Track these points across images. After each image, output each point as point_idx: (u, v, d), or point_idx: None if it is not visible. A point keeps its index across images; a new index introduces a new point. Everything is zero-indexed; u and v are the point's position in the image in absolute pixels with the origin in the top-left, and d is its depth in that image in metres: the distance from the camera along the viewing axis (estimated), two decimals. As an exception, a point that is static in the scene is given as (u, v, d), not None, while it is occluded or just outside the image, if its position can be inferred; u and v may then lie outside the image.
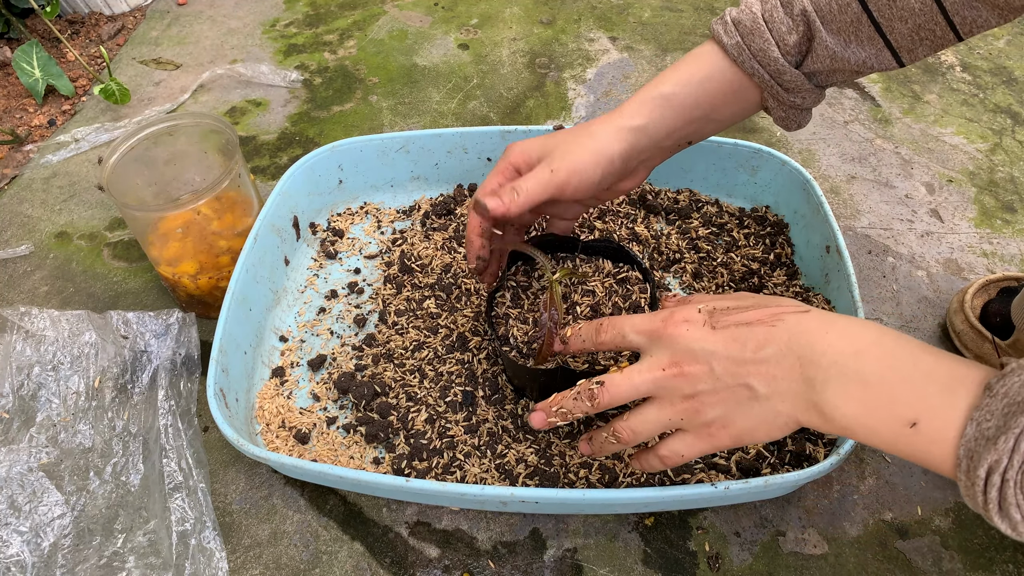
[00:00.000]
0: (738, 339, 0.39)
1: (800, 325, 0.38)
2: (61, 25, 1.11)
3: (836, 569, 0.53)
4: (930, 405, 0.33)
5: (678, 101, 0.49)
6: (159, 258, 0.66)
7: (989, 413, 0.30)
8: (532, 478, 0.54)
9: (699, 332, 0.40)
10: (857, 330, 0.37)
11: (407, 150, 0.75)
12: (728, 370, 0.39)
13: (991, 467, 0.29)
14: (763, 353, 0.38)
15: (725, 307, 0.41)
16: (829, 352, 0.36)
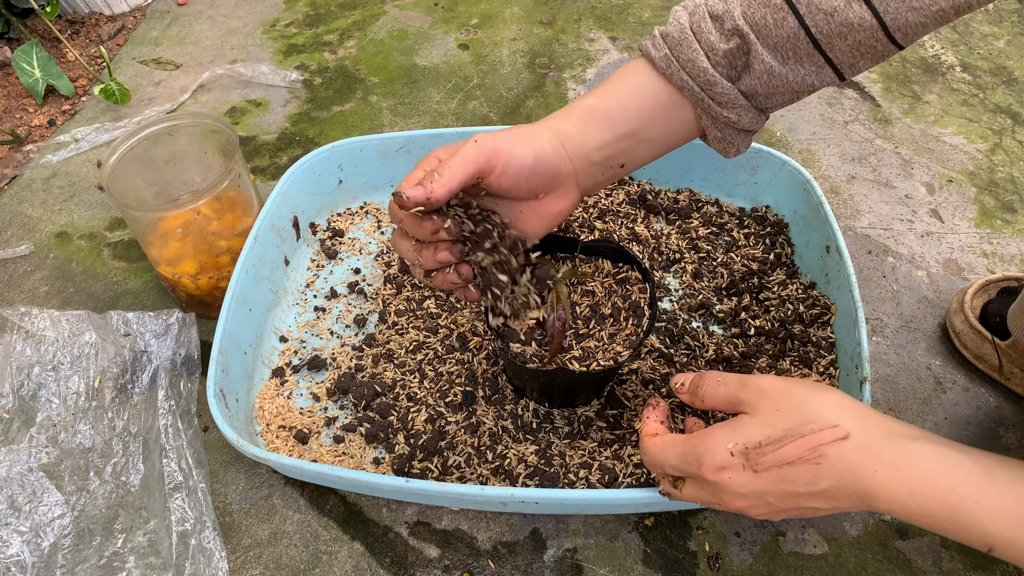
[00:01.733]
0: (786, 479, 0.38)
1: (845, 462, 0.37)
2: (61, 25, 1.11)
3: (836, 569, 0.53)
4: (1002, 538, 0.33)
5: (603, 113, 0.47)
6: (159, 258, 0.66)
7: None
8: (532, 478, 0.54)
9: (743, 478, 0.39)
10: (908, 462, 0.36)
11: (407, 150, 0.75)
12: (785, 501, 0.39)
13: None
14: (817, 488, 0.38)
15: (757, 444, 0.39)
16: (884, 493, 0.35)
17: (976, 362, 0.64)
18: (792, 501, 0.39)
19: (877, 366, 0.65)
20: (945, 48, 1.01)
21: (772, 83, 0.44)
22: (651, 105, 0.46)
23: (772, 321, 0.63)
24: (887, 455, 0.36)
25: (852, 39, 0.41)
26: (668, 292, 0.67)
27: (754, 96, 0.45)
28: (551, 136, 0.46)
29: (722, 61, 0.44)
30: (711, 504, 0.42)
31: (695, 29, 0.44)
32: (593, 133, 0.47)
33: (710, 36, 0.43)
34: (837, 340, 0.60)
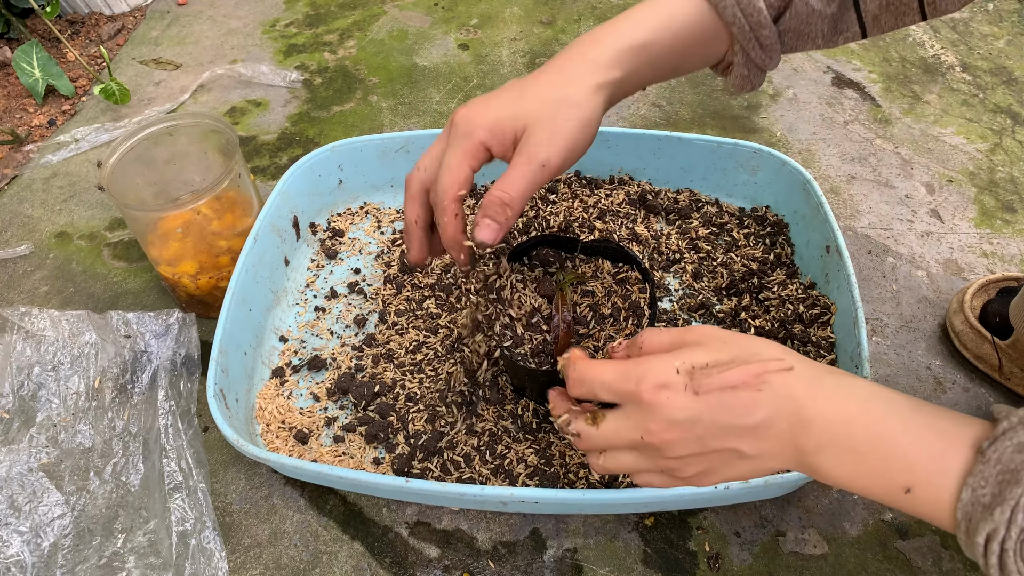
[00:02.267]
0: (724, 405, 0.36)
1: (787, 389, 0.36)
2: (61, 25, 1.11)
3: (836, 569, 0.53)
4: (923, 471, 0.33)
5: (655, 51, 0.44)
6: (159, 258, 0.66)
7: (983, 479, 0.31)
8: (532, 478, 0.54)
9: (681, 400, 0.37)
10: (844, 393, 0.36)
11: (407, 150, 0.75)
12: (714, 436, 0.37)
13: (989, 535, 0.30)
14: (751, 420, 0.36)
15: (704, 364, 0.37)
16: (818, 420, 0.35)
17: (976, 362, 0.64)
18: (721, 437, 0.37)
19: (877, 366, 0.65)
20: (945, 48, 1.01)
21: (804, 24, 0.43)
22: (696, 40, 0.45)
23: (772, 321, 0.63)
24: (827, 385, 0.36)
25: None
26: (668, 292, 0.67)
27: (785, 34, 0.45)
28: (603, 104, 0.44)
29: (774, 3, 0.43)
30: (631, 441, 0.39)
31: None
32: (641, 72, 0.45)
33: None
34: (837, 340, 0.60)
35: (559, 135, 0.42)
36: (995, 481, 0.30)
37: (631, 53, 0.43)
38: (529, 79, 0.44)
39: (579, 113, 0.43)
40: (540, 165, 0.42)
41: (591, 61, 0.43)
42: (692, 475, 0.39)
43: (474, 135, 0.43)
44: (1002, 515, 0.29)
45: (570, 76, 0.43)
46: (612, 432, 0.40)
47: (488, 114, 0.43)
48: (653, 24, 0.43)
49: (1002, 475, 0.30)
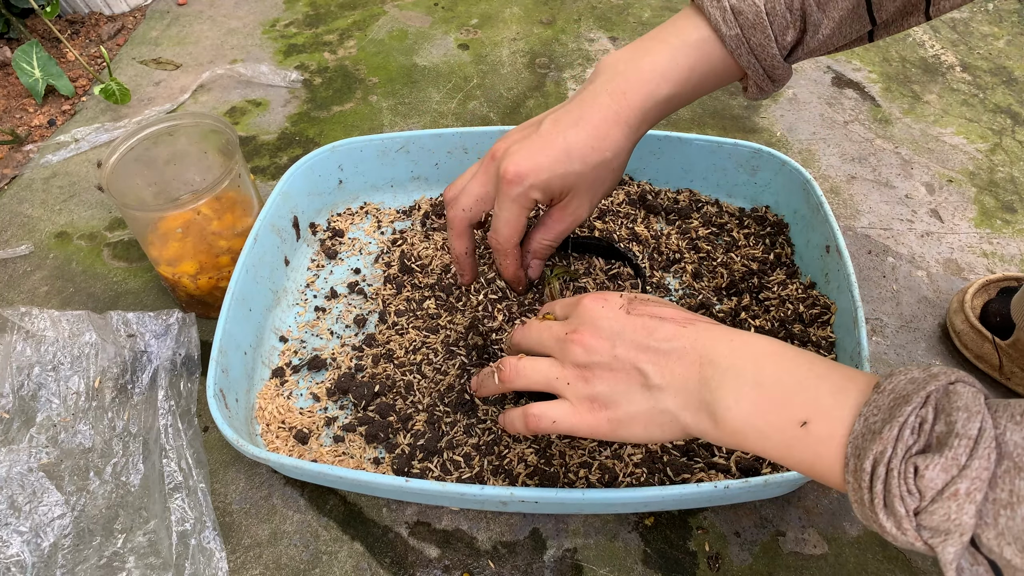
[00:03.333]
0: (647, 327, 0.39)
1: (708, 331, 0.39)
2: (61, 25, 1.11)
3: (836, 569, 0.53)
4: (821, 405, 0.33)
5: (678, 100, 0.48)
6: (159, 258, 0.66)
7: (876, 408, 0.31)
8: (532, 478, 0.54)
9: (612, 312, 0.41)
10: (761, 342, 0.37)
11: (407, 150, 0.75)
12: (628, 352, 0.39)
13: (876, 458, 0.29)
14: (667, 345, 0.38)
15: (645, 300, 0.42)
16: (729, 356, 0.37)
17: (976, 362, 0.64)
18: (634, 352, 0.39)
19: (877, 366, 0.65)
20: (945, 48, 1.01)
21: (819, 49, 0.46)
22: (714, 82, 0.48)
23: (772, 321, 0.63)
24: (746, 335, 0.38)
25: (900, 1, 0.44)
26: (668, 292, 0.67)
27: (794, 59, 0.48)
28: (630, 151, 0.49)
29: (787, 46, 0.46)
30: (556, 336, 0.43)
31: (769, 11, 0.44)
32: (660, 117, 0.49)
33: (782, 22, 0.45)
34: (837, 340, 0.60)
35: (597, 197, 0.50)
36: (887, 407, 0.30)
37: (657, 108, 0.48)
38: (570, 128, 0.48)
39: (615, 175, 0.50)
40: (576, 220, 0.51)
41: (624, 123, 0.48)
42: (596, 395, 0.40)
43: (529, 194, 0.49)
44: (890, 432, 0.29)
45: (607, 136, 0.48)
46: (545, 326, 0.44)
47: (540, 173, 0.48)
48: (676, 76, 0.47)
49: (894, 401, 0.30)
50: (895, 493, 0.28)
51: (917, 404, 0.29)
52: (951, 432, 0.28)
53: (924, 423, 0.29)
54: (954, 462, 0.27)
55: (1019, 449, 0.27)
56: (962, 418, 0.28)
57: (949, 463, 0.27)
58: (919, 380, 0.31)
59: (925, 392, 0.30)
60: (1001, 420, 0.28)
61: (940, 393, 0.30)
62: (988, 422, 0.28)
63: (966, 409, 0.28)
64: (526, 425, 0.43)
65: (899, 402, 0.30)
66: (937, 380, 0.30)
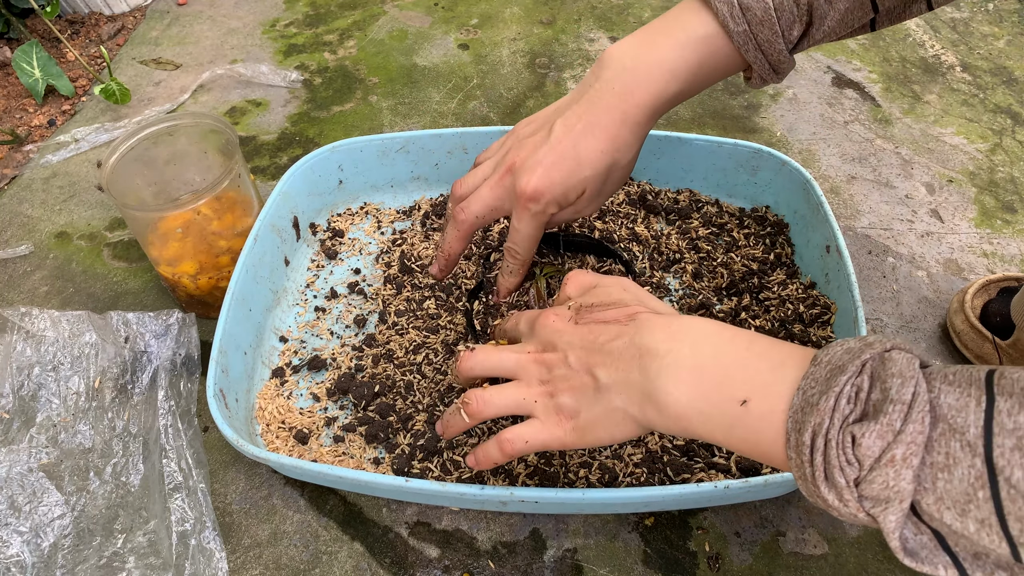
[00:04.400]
0: (593, 332, 0.41)
1: (647, 323, 0.39)
2: (61, 25, 1.11)
3: (836, 569, 0.53)
4: (761, 382, 0.33)
5: (683, 97, 0.49)
6: (159, 258, 0.66)
7: (814, 380, 0.31)
8: (532, 478, 0.54)
9: (562, 325, 0.43)
10: (699, 323, 0.38)
11: (407, 150, 0.75)
12: (580, 359, 0.40)
13: (815, 430, 0.29)
14: (611, 345, 0.39)
15: (591, 304, 0.43)
16: (667, 342, 0.37)
17: (976, 362, 0.64)
18: (585, 358, 0.40)
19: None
20: (945, 48, 1.01)
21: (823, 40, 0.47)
22: (719, 75, 0.48)
23: (772, 321, 0.63)
24: (686, 320, 0.39)
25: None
26: (668, 292, 0.67)
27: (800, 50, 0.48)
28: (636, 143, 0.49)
29: (792, 40, 0.46)
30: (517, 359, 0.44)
31: (777, 7, 0.44)
32: (667, 111, 0.50)
33: (789, 17, 0.45)
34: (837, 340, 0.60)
35: (606, 195, 0.51)
36: (824, 379, 0.30)
37: (665, 106, 0.48)
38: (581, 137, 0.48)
39: (624, 173, 0.50)
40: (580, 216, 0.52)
41: (632, 123, 0.48)
42: (561, 406, 0.41)
43: (547, 211, 0.49)
44: (826, 402, 0.29)
45: (616, 138, 0.48)
46: (503, 351, 0.45)
47: (555, 189, 0.48)
48: (686, 74, 0.47)
49: (830, 372, 0.30)
50: (834, 464, 0.28)
51: (852, 373, 0.29)
52: (886, 399, 0.28)
53: (860, 391, 0.29)
54: (889, 428, 0.27)
55: (953, 411, 0.26)
56: (896, 384, 0.28)
57: (885, 429, 0.27)
58: (854, 350, 0.31)
59: (860, 360, 0.30)
60: (935, 383, 0.28)
61: (876, 361, 0.30)
62: (922, 386, 0.28)
63: (900, 375, 0.28)
64: (501, 451, 0.43)
65: (835, 372, 0.30)
66: (872, 348, 0.30)
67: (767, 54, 0.46)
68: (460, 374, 0.46)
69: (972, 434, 0.25)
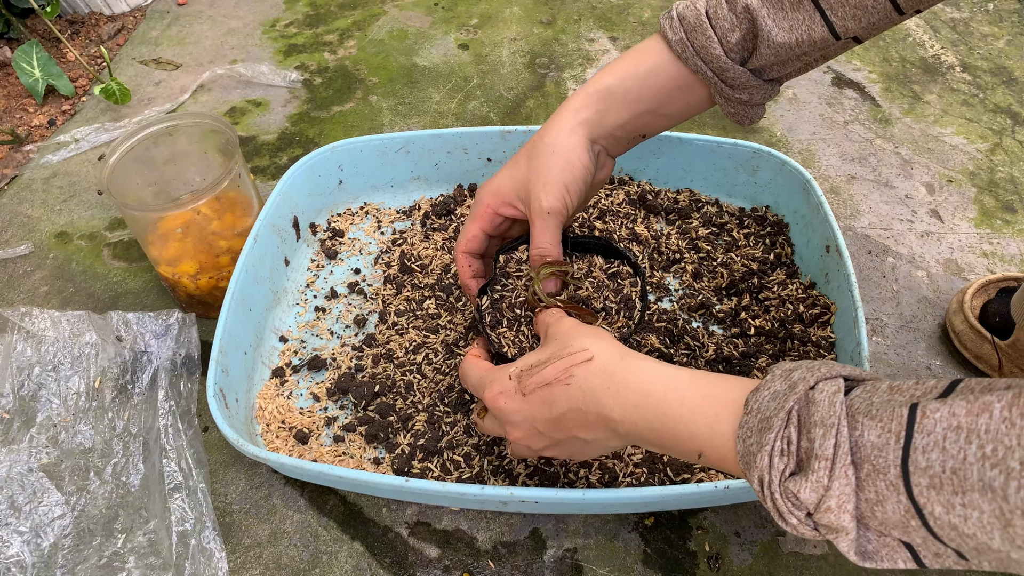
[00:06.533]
0: (546, 401, 0.41)
1: (587, 383, 0.40)
2: (61, 25, 1.11)
3: (836, 569, 0.53)
4: (705, 437, 0.35)
5: (621, 94, 0.49)
6: (159, 258, 0.66)
7: (749, 431, 0.33)
8: (532, 478, 0.54)
9: (515, 404, 0.43)
10: (633, 378, 0.39)
11: (407, 150, 0.75)
12: (549, 429, 0.42)
13: (760, 480, 0.31)
14: (567, 411, 0.40)
15: (529, 366, 0.43)
16: (616, 409, 0.38)
17: (976, 362, 0.64)
18: (557, 428, 0.41)
19: (877, 366, 0.65)
20: (945, 48, 1.01)
21: (779, 55, 0.45)
22: (668, 86, 0.49)
23: (772, 321, 0.63)
24: (618, 374, 0.39)
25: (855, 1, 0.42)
26: (668, 292, 0.67)
27: (765, 70, 0.47)
28: (583, 141, 0.50)
29: (735, 47, 0.45)
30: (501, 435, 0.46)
31: (711, 15, 0.45)
32: (614, 114, 0.49)
33: (724, 23, 0.45)
34: (837, 340, 0.60)
35: (549, 183, 0.49)
36: (756, 429, 0.32)
37: (596, 96, 0.49)
38: (533, 140, 0.51)
39: (560, 158, 0.49)
40: (545, 213, 0.49)
41: (566, 110, 0.50)
42: (566, 455, 0.44)
43: (482, 202, 0.52)
44: (762, 460, 0.31)
45: (551, 125, 0.50)
46: (489, 428, 0.48)
47: (492, 184, 0.52)
48: (619, 72, 0.49)
49: (761, 423, 0.32)
50: (782, 509, 0.31)
51: (779, 426, 0.31)
52: (811, 452, 0.29)
53: (790, 443, 0.31)
54: (819, 483, 0.29)
55: (875, 450, 0.28)
56: (819, 435, 0.29)
57: (815, 485, 0.29)
58: (780, 394, 0.32)
59: (785, 411, 0.31)
60: (859, 419, 0.29)
61: (801, 405, 0.31)
62: (843, 432, 0.29)
63: (822, 423, 0.29)
64: None
65: (764, 425, 0.32)
66: (796, 390, 0.31)
67: (707, 61, 0.46)
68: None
69: (892, 474, 0.27)
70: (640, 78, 0.48)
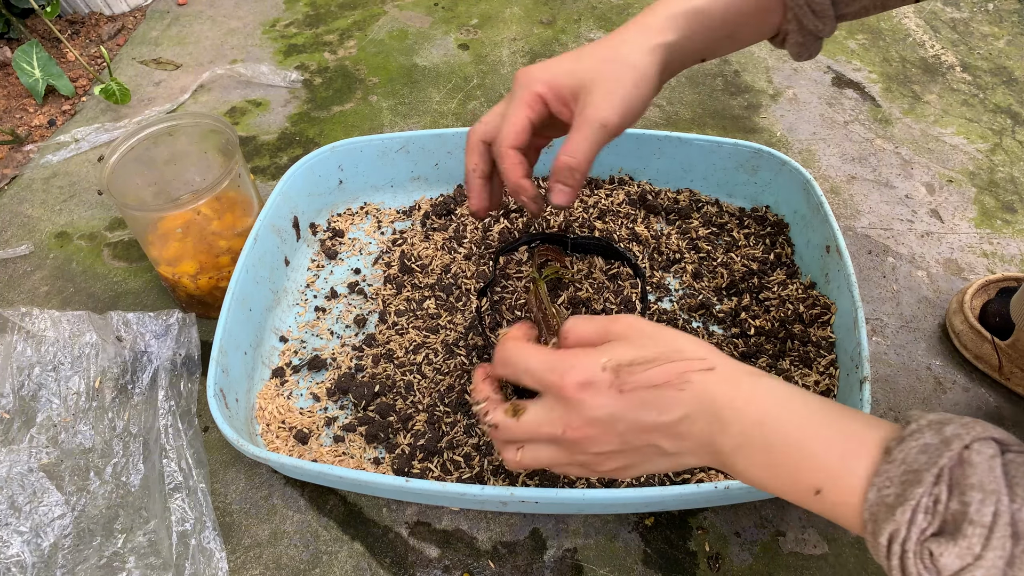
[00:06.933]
0: (646, 403, 0.36)
1: (707, 390, 0.36)
2: (61, 25, 1.11)
3: (836, 569, 0.53)
4: (832, 474, 0.32)
5: (708, 17, 0.45)
6: (159, 258, 0.66)
7: (888, 480, 0.30)
8: (532, 478, 0.54)
9: (604, 398, 0.37)
10: (762, 395, 0.36)
11: (407, 150, 0.75)
12: (635, 434, 0.37)
13: (891, 536, 0.29)
14: (672, 417, 0.36)
15: (629, 362, 0.37)
16: (735, 422, 0.35)
17: (976, 362, 0.64)
18: (642, 434, 0.37)
19: (877, 366, 0.65)
20: (945, 48, 1.01)
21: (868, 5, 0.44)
22: (752, 10, 0.46)
23: (772, 321, 0.63)
24: (746, 386, 0.36)
25: None
26: (668, 292, 0.67)
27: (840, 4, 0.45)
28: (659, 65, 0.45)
29: None
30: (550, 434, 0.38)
31: None
32: (695, 37, 0.46)
33: None
34: (837, 340, 0.60)
35: (615, 94, 0.44)
36: (899, 481, 0.30)
37: (684, 18, 0.45)
38: (588, 45, 0.46)
39: (633, 72, 0.44)
40: (600, 126, 0.44)
41: (645, 26, 0.45)
42: (612, 469, 0.39)
43: (531, 87, 0.46)
44: (903, 515, 0.29)
45: (625, 38, 0.45)
46: (533, 425, 0.39)
47: (547, 71, 0.46)
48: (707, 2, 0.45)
49: (906, 475, 0.30)
50: (912, 571, 0.28)
51: (929, 484, 0.29)
52: (965, 516, 0.27)
53: (938, 503, 0.28)
54: (968, 551, 0.27)
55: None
56: (976, 499, 0.27)
57: (964, 552, 0.27)
58: (932, 448, 0.30)
59: (937, 468, 0.29)
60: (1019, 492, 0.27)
61: (954, 464, 0.29)
62: (1004, 501, 0.27)
63: (980, 488, 0.27)
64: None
65: (910, 480, 0.29)
66: (950, 448, 0.29)
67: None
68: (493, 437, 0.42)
69: None
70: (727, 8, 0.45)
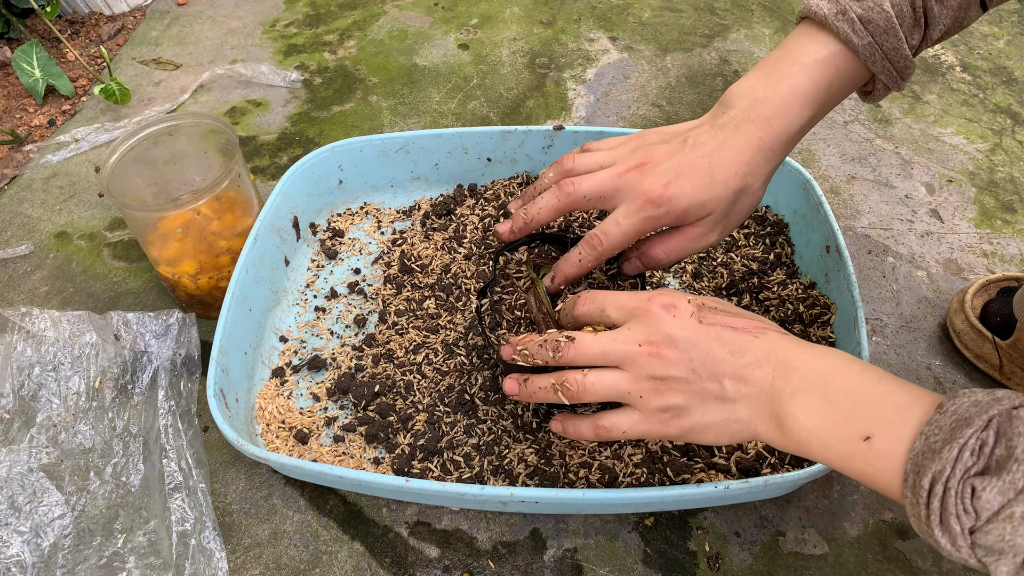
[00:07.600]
0: (722, 339, 0.40)
1: (780, 342, 0.40)
2: (61, 25, 1.11)
3: (836, 569, 0.53)
4: (885, 421, 0.34)
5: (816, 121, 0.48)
6: (159, 258, 0.66)
7: (938, 428, 0.31)
8: (532, 478, 0.54)
9: (685, 321, 0.41)
10: (830, 355, 0.39)
11: (407, 150, 0.75)
12: (705, 365, 0.40)
13: (935, 476, 0.30)
14: (743, 360, 0.39)
15: (713, 307, 0.42)
16: (802, 369, 0.38)
17: (976, 362, 0.64)
18: (710, 366, 0.39)
19: (877, 366, 0.65)
20: (945, 48, 1.01)
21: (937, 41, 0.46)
22: (846, 92, 0.48)
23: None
24: (816, 347, 0.39)
25: None
26: (668, 292, 0.67)
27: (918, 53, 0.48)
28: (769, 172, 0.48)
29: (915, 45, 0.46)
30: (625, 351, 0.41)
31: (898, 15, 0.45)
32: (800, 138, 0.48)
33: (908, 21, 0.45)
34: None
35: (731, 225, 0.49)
36: (948, 428, 0.31)
37: (800, 133, 0.48)
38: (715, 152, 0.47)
39: (753, 203, 0.49)
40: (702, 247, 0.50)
41: (768, 150, 0.47)
42: (669, 407, 0.41)
43: (662, 220, 0.48)
44: (950, 452, 0.30)
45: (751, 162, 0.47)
46: (610, 338, 0.42)
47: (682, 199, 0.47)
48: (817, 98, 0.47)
49: (956, 422, 0.31)
50: (951, 511, 0.29)
51: (979, 427, 0.30)
52: (1011, 456, 0.28)
53: (984, 446, 0.29)
54: (1011, 486, 0.28)
55: None
56: (1021, 443, 0.28)
57: (1007, 486, 0.28)
58: (982, 403, 0.31)
59: (987, 415, 0.30)
60: None
61: (1003, 417, 0.30)
62: None
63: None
64: (595, 435, 0.44)
65: (960, 424, 0.30)
66: (1000, 404, 0.30)
67: (893, 62, 0.45)
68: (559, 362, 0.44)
69: None
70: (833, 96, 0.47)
